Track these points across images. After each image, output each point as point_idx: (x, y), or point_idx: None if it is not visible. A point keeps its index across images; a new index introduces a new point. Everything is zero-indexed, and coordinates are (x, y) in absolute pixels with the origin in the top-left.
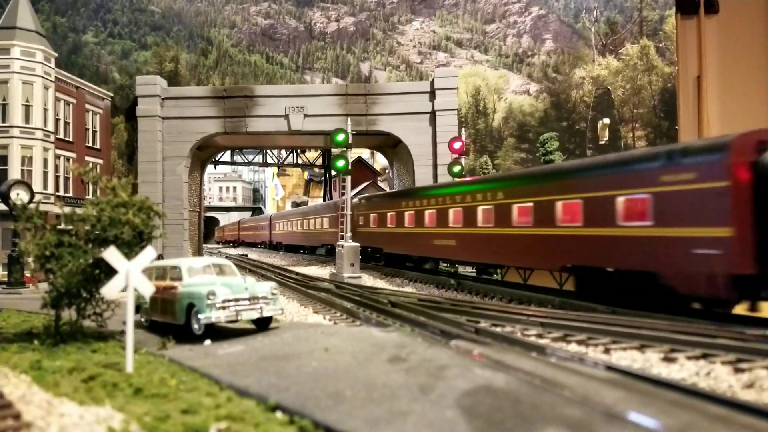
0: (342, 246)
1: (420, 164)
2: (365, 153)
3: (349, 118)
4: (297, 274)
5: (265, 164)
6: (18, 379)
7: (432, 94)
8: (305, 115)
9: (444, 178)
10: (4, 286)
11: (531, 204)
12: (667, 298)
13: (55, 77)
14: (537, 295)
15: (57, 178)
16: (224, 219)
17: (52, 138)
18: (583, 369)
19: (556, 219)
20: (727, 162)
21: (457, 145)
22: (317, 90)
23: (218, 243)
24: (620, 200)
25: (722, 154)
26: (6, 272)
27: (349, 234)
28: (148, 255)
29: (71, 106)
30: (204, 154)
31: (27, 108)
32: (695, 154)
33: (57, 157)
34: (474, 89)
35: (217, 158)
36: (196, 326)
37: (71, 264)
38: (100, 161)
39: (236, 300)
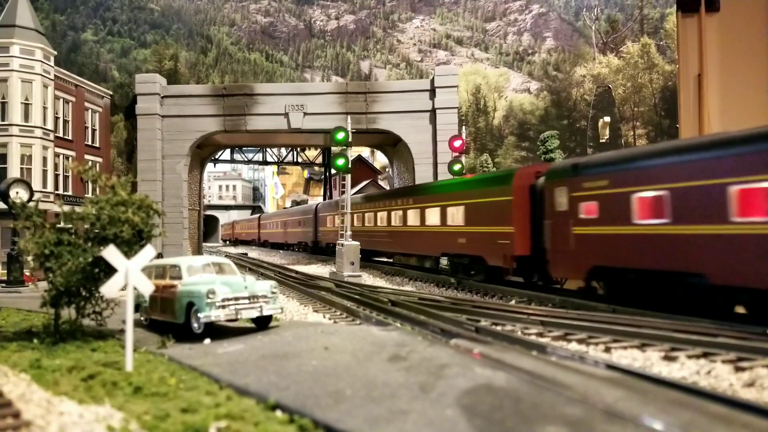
0: (342, 245)
1: (420, 162)
2: (365, 151)
3: (349, 117)
4: (297, 272)
5: (264, 162)
6: (17, 377)
7: (432, 92)
8: (305, 114)
9: (444, 176)
10: (4, 284)
11: None
12: None
13: (55, 75)
14: (537, 294)
15: (56, 176)
16: (224, 218)
17: (52, 136)
18: (584, 368)
19: None
20: None
21: (457, 143)
22: (317, 88)
23: (225, 242)
24: None
25: None
26: (5, 271)
27: (349, 233)
28: (147, 254)
29: (70, 104)
30: (204, 152)
31: (26, 106)
32: None
33: (56, 155)
34: (474, 87)
35: (216, 156)
36: (195, 325)
37: (71, 263)
38: (100, 159)
39: (236, 299)
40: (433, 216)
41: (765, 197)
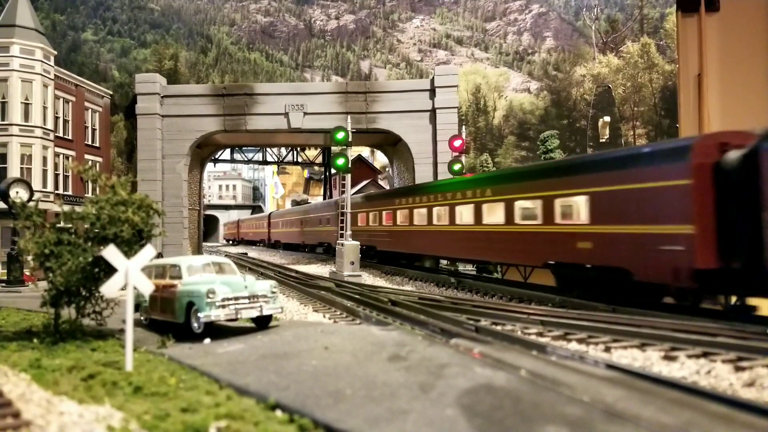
0: (342, 244)
1: (420, 162)
2: (365, 151)
3: (349, 116)
4: (297, 272)
5: (264, 162)
6: (17, 377)
7: (432, 92)
8: (305, 113)
9: (444, 176)
10: (4, 284)
11: None
12: None
13: (55, 75)
14: (537, 294)
15: (56, 176)
16: (225, 217)
17: (52, 136)
18: (584, 367)
19: None
20: None
21: (457, 143)
22: (317, 88)
23: (228, 242)
24: None
25: None
26: (5, 270)
27: (349, 232)
28: (147, 253)
29: (70, 104)
30: (204, 152)
31: (26, 106)
32: None
33: (56, 155)
34: (474, 87)
35: (216, 156)
36: (195, 325)
37: (71, 262)
38: (100, 159)
39: (236, 298)
40: (528, 211)
41: None
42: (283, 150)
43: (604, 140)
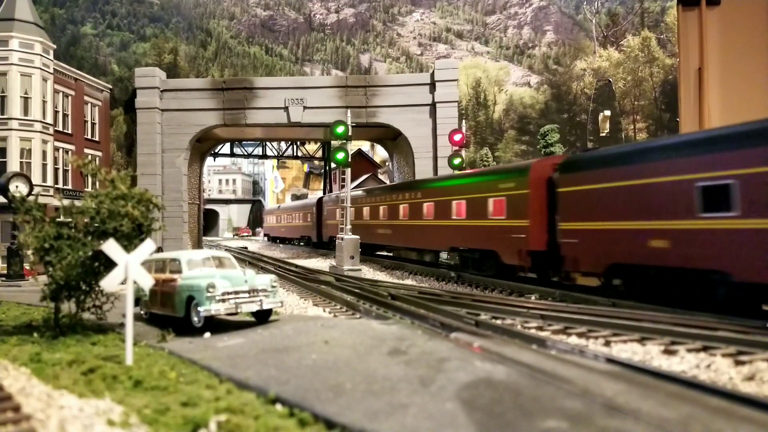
0: (342, 239)
1: (420, 156)
2: (365, 145)
3: (348, 110)
4: (297, 266)
5: (264, 156)
6: (17, 371)
7: (432, 86)
8: (305, 107)
9: (444, 170)
10: (4, 278)
11: None
12: None
13: (54, 69)
14: (537, 288)
15: (56, 170)
16: (224, 212)
17: (51, 130)
18: (584, 361)
19: None
20: None
21: (457, 137)
22: (317, 82)
23: (277, 240)
24: None
25: None
26: (6, 265)
27: (348, 227)
28: (147, 248)
29: (70, 98)
30: (203, 146)
31: (26, 100)
32: None
33: (56, 149)
34: (474, 81)
35: (216, 150)
36: (195, 319)
37: (70, 256)
38: (99, 153)
39: (236, 292)
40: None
41: None
42: (283, 144)
43: (604, 134)
